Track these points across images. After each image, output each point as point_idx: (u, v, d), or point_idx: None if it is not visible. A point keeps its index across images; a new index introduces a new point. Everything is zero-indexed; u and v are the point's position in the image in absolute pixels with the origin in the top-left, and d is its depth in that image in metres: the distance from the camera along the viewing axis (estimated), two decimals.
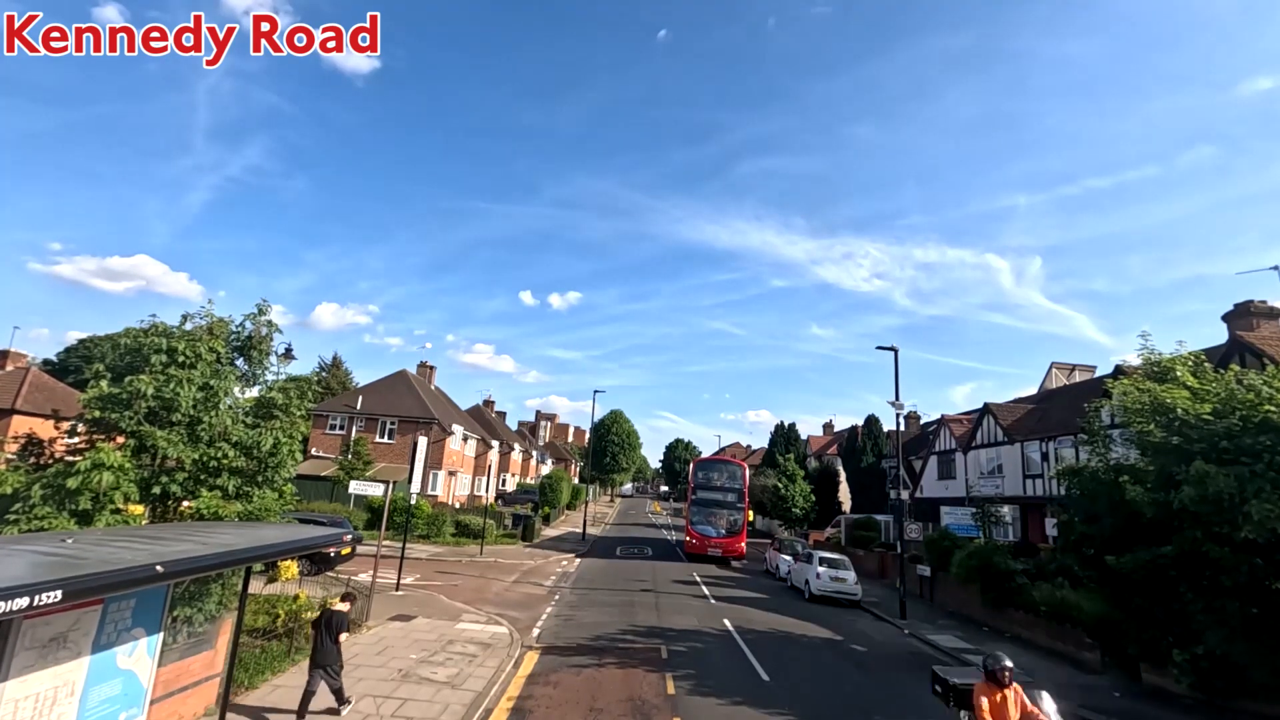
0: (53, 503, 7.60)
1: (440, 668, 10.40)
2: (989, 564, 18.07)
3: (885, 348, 21.14)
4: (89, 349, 44.11)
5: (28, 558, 4.36)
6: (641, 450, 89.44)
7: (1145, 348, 13.60)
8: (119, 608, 5.39)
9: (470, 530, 28.49)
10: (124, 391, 8.60)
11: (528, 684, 10.17)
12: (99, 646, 5.22)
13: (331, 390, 50.78)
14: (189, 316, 9.88)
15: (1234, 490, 9.66)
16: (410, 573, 17.81)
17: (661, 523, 49.39)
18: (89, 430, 9.03)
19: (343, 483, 27.84)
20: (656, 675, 10.97)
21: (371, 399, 39.20)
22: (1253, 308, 19.14)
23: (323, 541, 8.08)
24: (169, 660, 6.68)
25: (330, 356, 60.61)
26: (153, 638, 5.85)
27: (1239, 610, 10.23)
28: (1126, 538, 12.08)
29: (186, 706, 7.28)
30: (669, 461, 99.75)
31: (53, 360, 46.53)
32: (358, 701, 8.54)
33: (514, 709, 9.06)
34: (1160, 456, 11.45)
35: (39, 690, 4.71)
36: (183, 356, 9.19)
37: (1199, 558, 10.50)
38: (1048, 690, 6.80)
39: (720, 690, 10.43)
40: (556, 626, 14.32)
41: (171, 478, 8.82)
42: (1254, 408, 10.49)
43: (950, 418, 34.17)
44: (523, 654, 11.84)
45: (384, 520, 16.10)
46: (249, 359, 10.39)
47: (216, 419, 9.26)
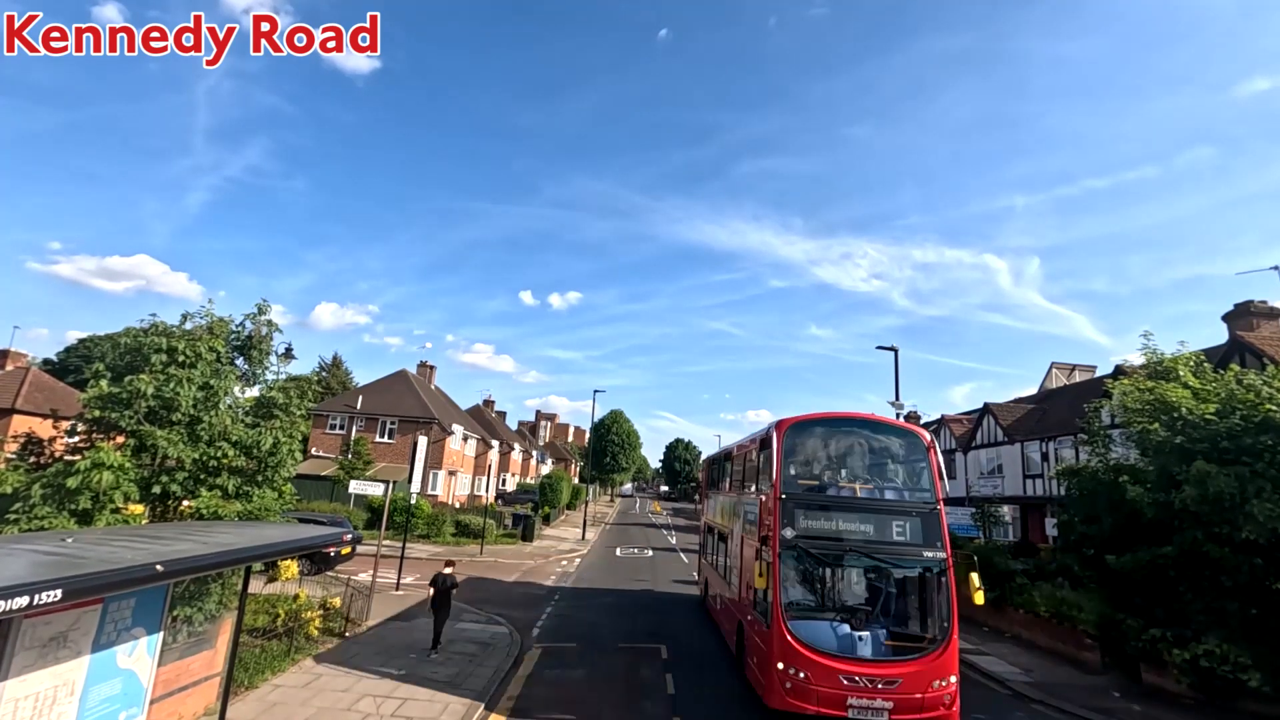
0: (53, 502, 7.61)
1: (440, 667, 10.40)
2: (989, 564, 18.06)
3: (885, 348, 21.13)
4: (89, 349, 44.15)
5: (28, 557, 4.36)
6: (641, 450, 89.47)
7: (1147, 347, 13.61)
8: (119, 607, 5.39)
9: (470, 530, 28.49)
10: (124, 391, 8.61)
11: (528, 684, 10.17)
12: (99, 646, 5.21)
13: (331, 390, 50.82)
14: (189, 316, 9.90)
15: (1235, 490, 9.66)
16: (410, 572, 17.81)
17: (661, 522, 49.38)
18: (89, 430, 9.04)
19: (343, 482, 27.83)
20: (657, 675, 10.97)
21: (371, 399, 39.20)
22: (1253, 308, 19.12)
23: (323, 541, 8.08)
24: (169, 660, 6.68)
25: (330, 356, 60.77)
26: (153, 637, 5.85)
27: (1239, 610, 10.22)
28: (1126, 538, 12.08)
29: (186, 706, 7.27)
30: (669, 461, 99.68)
31: (53, 360, 46.57)
32: (357, 701, 8.57)
33: (514, 709, 9.06)
34: (1161, 456, 11.44)
35: (39, 689, 4.70)
36: (183, 356, 9.20)
37: (1199, 558, 10.50)
38: (1048, 689, 6.79)
39: (721, 689, 10.43)
40: (557, 626, 14.31)
41: (171, 477, 8.82)
42: (1254, 407, 10.50)
43: (950, 418, 34.17)
44: (523, 654, 11.84)
45: (384, 520, 16.10)
46: (249, 359, 10.40)
47: (216, 418, 9.27)
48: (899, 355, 20.92)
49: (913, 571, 9.14)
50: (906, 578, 9.42)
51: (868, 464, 10.66)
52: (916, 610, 9.35)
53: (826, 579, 9.50)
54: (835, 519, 9.01)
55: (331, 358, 60.53)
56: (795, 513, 8.99)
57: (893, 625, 9.22)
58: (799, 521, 8.92)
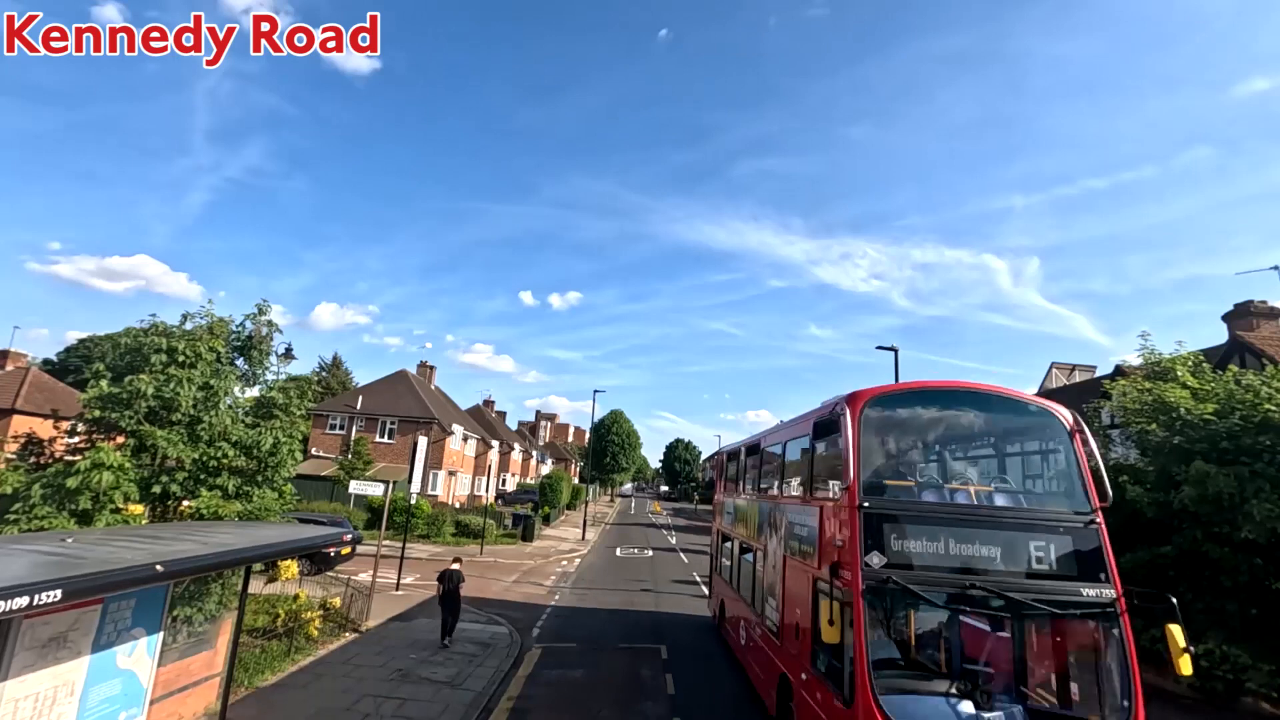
0: (53, 502, 7.62)
1: (440, 668, 10.40)
2: None
3: (885, 348, 21.11)
4: (89, 349, 44.11)
5: (28, 557, 4.36)
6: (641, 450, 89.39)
7: (1145, 347, 13.61)
8: (119, 607, 5.39)
9: (470, 530, 28.48)
10: (124, 391, 8.61)
11: (528, 684, 10.17)
12: (99, 646, 5.21)
13: (331, 390, 50.82)
14: (189, 316, 9.91)
15: (1234, 490, 9.66)
16: (410, 572, 17.82)
17: (661, 522, 49.36)
18: (89, 430, 9.04)
19: (343, 482, 27.83)
20: (657, 675, 10.97)
21: (371, 399, 39.20)
22: (1252, 308, 19.12)
23: (323, 541, 8.09)
24: (169, 660, 6.68)
25: (330, 356, 60.77)
26: (152, 637, 5.85)
27: (1239, 610, 10.22)
28: (1126, 537, 12.08)
29: (186, 706, 7.27)
30: (669, 461, 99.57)
31: (53, 360, 46.55)
32: (357, 701, 8.57)
33: (514, 709, 9.06)
34: (1160, 456, 11.45)
35: (39, 690, 4.70)
36: (183, 356, 9.20)
37: (1199, 558, 10.50)
38: None
39: (723, 689, 10.43)
40: (557, 626, 14.32)
41: (171, 477, 8.83)
42: (1254, 407, 10.50)
43: None
44: (523, 654, 11.84)
45: (384, 520, 16.09)
46: (249, 359, 10.41)
47: (216, 418, 9.28)
48: (899, 355, 20.92)
49: (1067, 618, 6.20)
50: (1056, 628, 6.61)
51: (985, 457, 8.24)
52: (1074, 677, 6.56)
53: (935, 632, 7.04)
54: (946, 540, 6.12)
55: (331, 358, 60.59)
56: (885, 531, 6.10)
57: (1035, 702, 6.43)
58: (890, 544, 6.05)
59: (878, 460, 7.24)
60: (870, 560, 5.98)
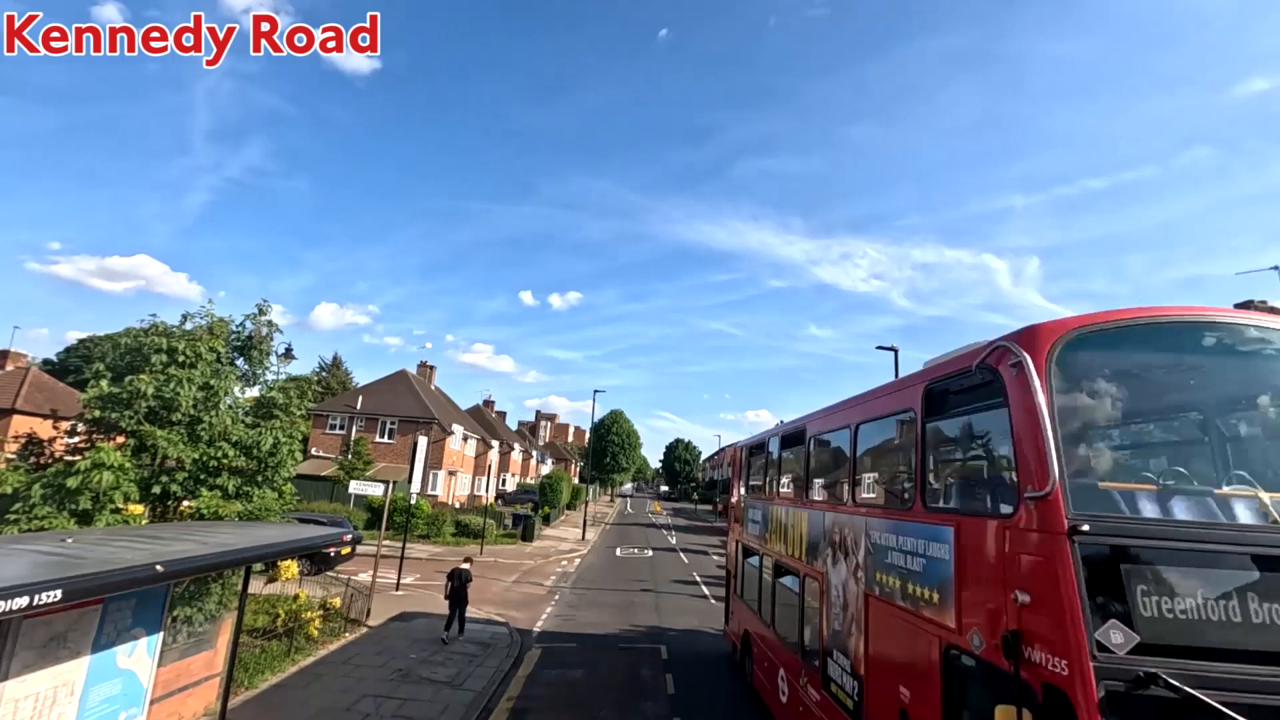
0: (53, 502, 7.60)
1: (440, 667, 10.40)
2: None
3: (885, 348, 21.13)
4: (89, 349, 44.09)
5: (28, 557, 4.35)
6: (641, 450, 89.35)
7: None
8: (119, 608, 5.39)
9: (470, 530, 28.48)
10: (124, 391, 8.60)
11: (528, 684, 10.17)
12: (99, 646, 5.22)
13: (331, 390, 50.80)
14: (189, 316, 9.89)
15: None
16: (410, 572, 17.82)
17: (661, 522, 49.33)
18: (89, 430, 9.03)
19: (343, 483, 27.81)
20: (657, 675, 10.97)
21: (371, 399, 39.19)
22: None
23: (323, 541, 8.09)
24: (169, 660, 6.68)
25: (330, 356, 60.70)
26: (152, 637, 5.85)
27: None
28: None
29: (186, 706, 7.28)
30: (669, 462, 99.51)
31: (53, 360, 46.52)
32: (357, 701, 8.57)
33: (514, 709, 9.06)
34: None
35: (39, 690, 4.70)
36: (183, 356, 9.19)
37: None
38: None
39: (723, 689, 10.43)
40: (557, 626, 14.31)
41: (171, 477, 8.82)
42: None
43: None
44: (523, 653, 11.84)
45: (384, 520, 16.09)
46: (249, 359, 10.39)
47: (217, 419, 9.26)
48: (899, 356, 20.93)
49: None
50: None
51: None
52: None
53: None
54: (1247, 598, 3.22)
55: (331, 358, 60.52)
56: (1130, 582, 3.30)
57: None
58: (1140, 606, 3.24)
59: (1085, 446, 4.01)
60: (1109, 638, 3.20)
